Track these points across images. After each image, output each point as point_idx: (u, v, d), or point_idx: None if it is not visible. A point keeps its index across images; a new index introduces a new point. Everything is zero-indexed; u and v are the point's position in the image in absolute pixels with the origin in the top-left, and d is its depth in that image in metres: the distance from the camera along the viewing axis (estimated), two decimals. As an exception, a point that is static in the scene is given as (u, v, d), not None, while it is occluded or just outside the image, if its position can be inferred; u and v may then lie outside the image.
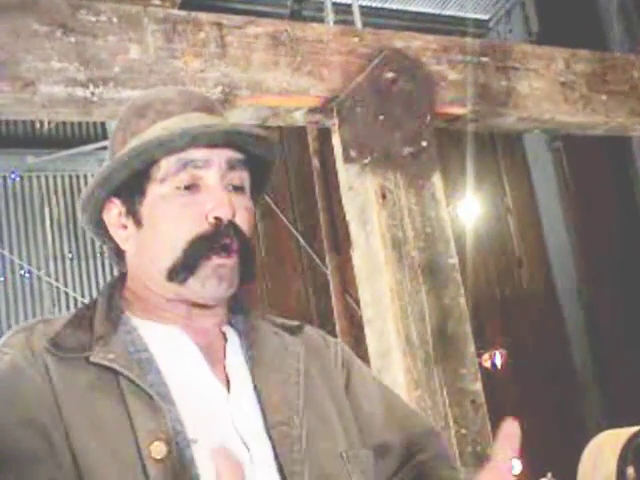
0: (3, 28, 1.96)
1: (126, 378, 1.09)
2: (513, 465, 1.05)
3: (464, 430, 2.23)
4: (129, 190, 1.19)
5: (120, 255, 1.26)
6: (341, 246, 4.62)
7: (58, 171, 5.35)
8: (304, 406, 1.17)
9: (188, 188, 1.16)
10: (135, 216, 1.20)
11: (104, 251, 1.36)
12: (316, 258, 5.25)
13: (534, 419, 5.14)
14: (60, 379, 1.08)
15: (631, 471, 2.05)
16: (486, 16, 6.02)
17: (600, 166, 5.97)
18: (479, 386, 2.29)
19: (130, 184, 1.18)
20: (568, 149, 6.02)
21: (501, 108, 2.66)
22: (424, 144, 2.44)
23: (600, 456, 2.05)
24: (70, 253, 5.39)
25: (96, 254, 5.50)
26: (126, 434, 1.05)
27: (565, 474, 2.66)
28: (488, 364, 4.87)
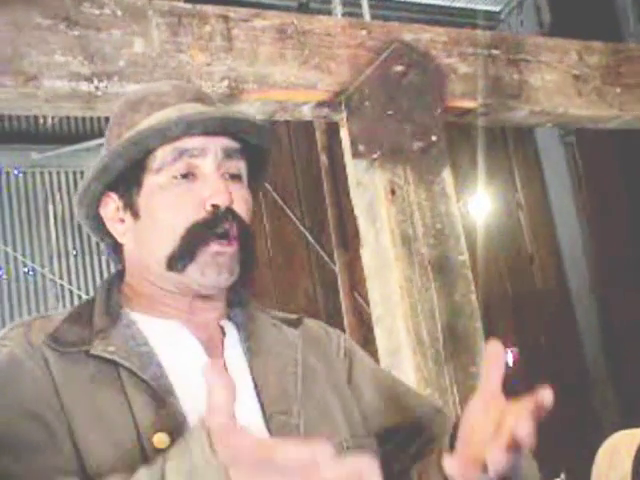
0: (5, 21, 1.96)
1: (127, 370, 1.10)
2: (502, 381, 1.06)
3: (475, 430, 2.22)
4: (125, 183, 1.20)
5: (118, 251, 1.27)
6: (350, 243, 4.62)
7: (62, 167, 5.35)
8: (302, 396, 1.18)
9: (185, 177, 1.17)
10: (132, 208, 1.21)
11: (107, 248, 1.37)
12: (324, 255, 5.25)
13: (547, 418, 5.13)
14: (60, 373, 1.09)
15: (647, 472, 2.04)
16: (497, 8, 6.00)
17: (614, 161, 5.95)
18: (490, 385, 2.28)
19: (126, 176, 1.19)
20: (581, 143, 6.00)
21: (513, 101, 2.65)
22: (434, 138, 2.43)
23: (615, 456, 2.04)
24: (74, 250, 5.40)
25: (101, 251, 5.51)
26: (128, 425, 1.06)
27: (579, 474, 2.65)
28: (499, 363, 4.86)
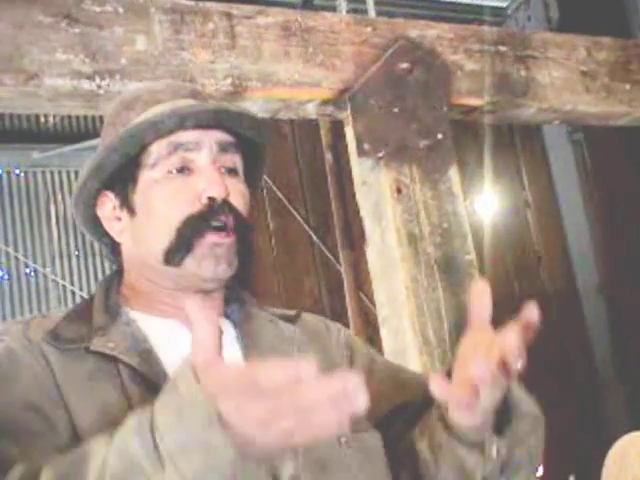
0: (6, 19, 1.97)
1: (126, 366, 1.10)
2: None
3: (483, 432, 2.22)
4: (121, 180, 1.21)
5: (116, 251, 1.28)
6: (355, 243, 4.61)
7: (64, 166, 5.36)
8: None
9: (180, 171, 1.18)
10: (128, 206, 1.21)
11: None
12: (329, 255, 5.25)
13: (555, 420, 5.13)
14: (60, 369, 1.10)
15: (657, 475, 2.04)
16: (504, 3, 5.99)
17: (623, 158, 5.93)
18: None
19: (122, 174, 1.20)
20: (589, 141, 5.99)
21: (520, 99, 2.65)
22: (440, 137, 2.43)
23: (625, 459, 2.04)
24: (77, 251, 5.41)
25: (103, 252, 5.51)
26: None
27: (589, 477, 2.65)
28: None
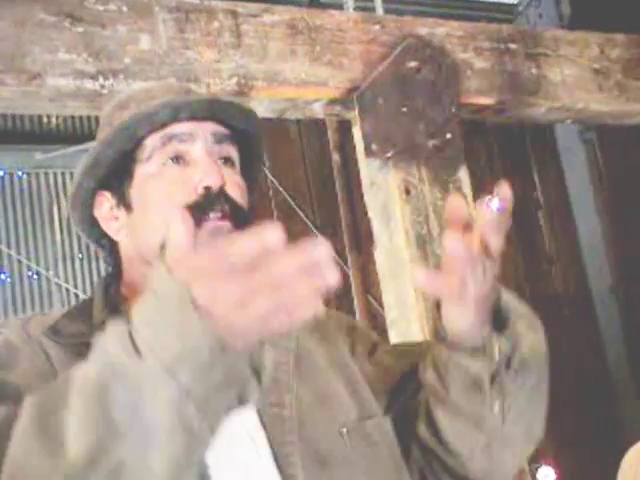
0: (8, 18, 1.97)
1: None
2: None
3: (494, 437, 2.21)
4: (117, 178, 1.22)
5: (114, 252, 1.28)
6: (363, 244, 4.61)
7: (67, 168, 5.36)
8: (296, 384, 1.18)
9: (175, 161, 1.19)
10: (125, 203, 1.22)
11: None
12: (337, 257, 5.24)
13: (568, 423, 5.11)
14: (60, 363, 1.10)
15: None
16: (514, 0, 5.98)
17: (636, 158, 5.91)
18: (509, 391, 2.27)
19: (117, 171, 1.21)
20: (602, 140, 5.97)
21: (531, 98, 2.64)
22: (449, 136, 2.42)
23: (640, 465, 2.03)
24: (80, 253, 5.41)
25: (100, 254, 5.51)
26: None
27: (602, 482, 2.64)
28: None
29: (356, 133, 2.42)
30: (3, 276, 5.03)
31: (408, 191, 2.33)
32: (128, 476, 0.81)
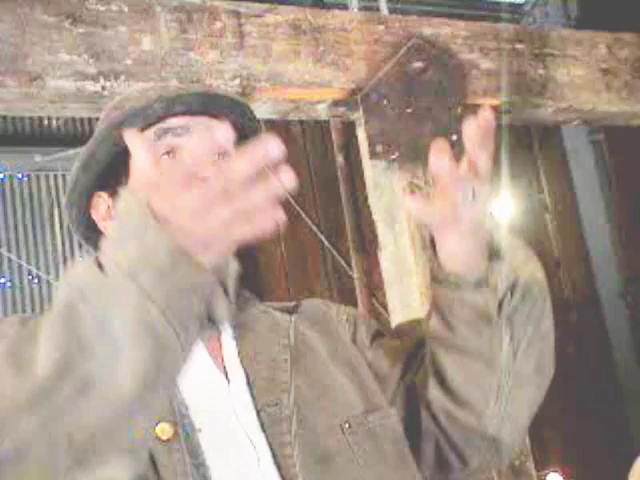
0: (8, 19, 1.98)
1: None
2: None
3: (501, 443, 2.21)
4: (113, 177, 1.22)
5: None
6: (368, 247, 4.61)
7: (68, 170, 5.36)
8: (295, 382, 1.18)
9: (170, 154, 1.19)
10: None
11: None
12: (341, 261, 5.24)
13: (576, 428, 5.10)
14: None
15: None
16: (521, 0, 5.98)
17: (645, 160, 5.91)
18: (516, 396, 2.27)
19: (113, 170, 1.22)
20: (610, 142, 5.96)
21: (537, 98, 2.64)
22: (455, 138, 2.42)
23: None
24: (81, 257, 5.41)
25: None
26: None
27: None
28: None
29: (360, 134, 2.42)
30: (3, 280, 5.03)
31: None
32: (96, 392, 0.82)
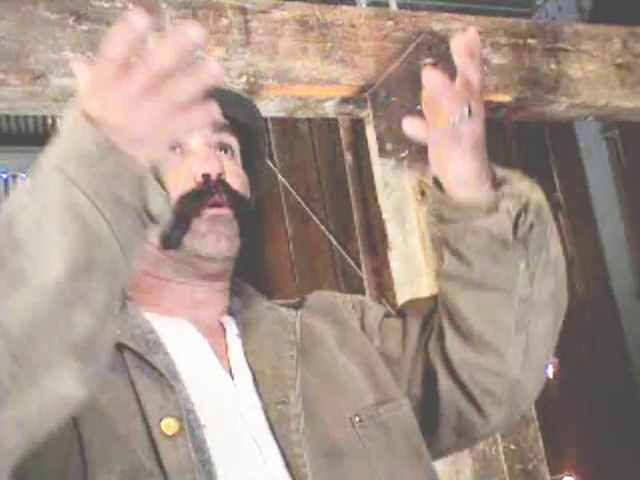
0: (11, 16, 1.98)
1: (132, 353, 1.11)
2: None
3: (513, 446, 2.21)
4: None
5: None
6: (377, 247, 4.61)
7: (72, 170, 5.38)
8: (303, 377, 1.18)
9: (173, 150, 1.20)
10: None
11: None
12: (350, 261, 5.24)
13: (591, 431, 5.09)
14: None
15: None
16: (532, -6, 5.96)
17: (660, 157, 5.89)
18: (530, 398, 2.26)
19: None
20: (625, 138, 5.95)
21: (550, 94, 2.63)
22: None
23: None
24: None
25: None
26: (132, 410, 1.06)
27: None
28: (539, 374, 4.82)
29: (369, 132, 2.42)
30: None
31: (423, 192, 2.33)
32: (27, 281, 0.85)
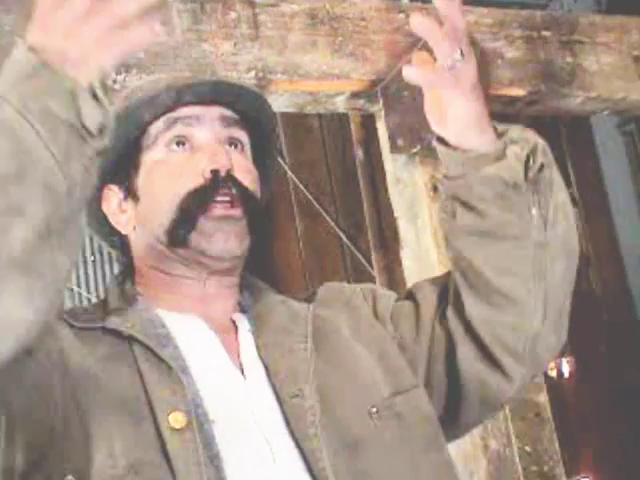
0: (16, 10, 1.98)
1: (143, 347, 1.12)
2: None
3: (528, 447, 2.20)
4: (124, 169, 1.24)
5: (125, 249, 1.31)
6: (389, 245, 4.60)
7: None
8: (317, 370, 1.18)
9: (181, 146, 1.21)
10: (133, 194, 1.24)
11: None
12: (361, 258, 5.24)
13: (607, 433, 5.07)
14: (71, 346, 1.12)
15: None
16: (547, -14, 5.95)
17: (678, 151, 5.88)
18: (544, 398, 2.26)
19: (124, 163, 1.23)
20: (642, 132, 5.93)
21: (565, 88, 2.62)
22: (479, 130, 2.41)
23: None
24: (92, 256, 5.44)
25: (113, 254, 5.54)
26: (140, 403, 1.08)
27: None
28: (554, 373, 4.81)
29: (380, 128, 2.42)
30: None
31: (436, 188, 2.33)
32: None
